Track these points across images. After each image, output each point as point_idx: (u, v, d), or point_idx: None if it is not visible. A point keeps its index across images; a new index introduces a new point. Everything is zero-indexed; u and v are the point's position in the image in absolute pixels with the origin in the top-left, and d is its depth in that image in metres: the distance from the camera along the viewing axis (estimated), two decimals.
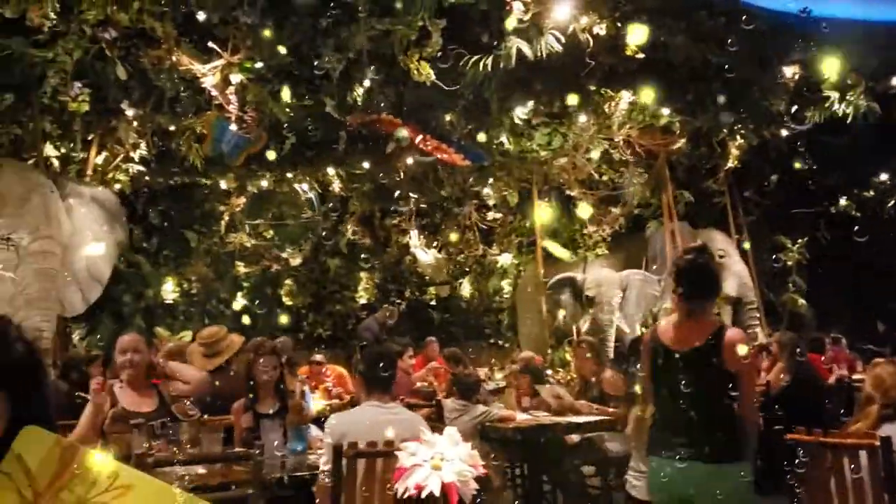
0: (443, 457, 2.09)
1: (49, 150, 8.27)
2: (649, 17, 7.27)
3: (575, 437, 5.62)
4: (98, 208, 7.53)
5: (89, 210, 7.36)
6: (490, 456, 5.14)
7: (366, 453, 3.17)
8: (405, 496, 1.89)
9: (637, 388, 3.85)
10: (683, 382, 2.97)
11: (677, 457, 2.95)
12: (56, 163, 8.43)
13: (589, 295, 9.53)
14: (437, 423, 5.22)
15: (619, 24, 7.28)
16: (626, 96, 8.39)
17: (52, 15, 6.47)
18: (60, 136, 8.28)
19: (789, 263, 10.72)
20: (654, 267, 10.34)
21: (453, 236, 12.67)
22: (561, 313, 9.86)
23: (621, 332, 9.42)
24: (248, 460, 3.27)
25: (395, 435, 3.15)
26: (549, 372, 8.21)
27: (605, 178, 10.17)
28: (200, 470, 3.48)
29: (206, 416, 4.20)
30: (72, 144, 8.38)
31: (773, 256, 10.71)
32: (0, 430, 1.03)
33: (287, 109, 7.61)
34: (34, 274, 6.40)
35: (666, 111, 8.56)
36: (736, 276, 10.18)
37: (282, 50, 6.42)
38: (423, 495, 1.92)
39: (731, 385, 2.92)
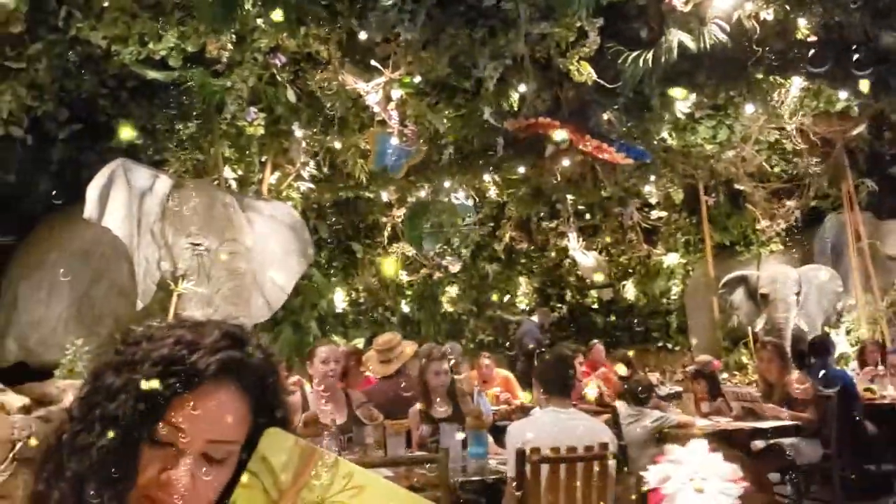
0: (702, 476, 1.93)
1: (227, 172, 8.85)
2: None
3: (760, 443, 5.33)
4: (276, 222, 7.92)
5: (268, 223, 7.78)
6: None
7: (550, 459, 3.16)
8: None
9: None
10: None
11: None
12: (234, 184, 9.01)
13: (763, 293, 9.00)
14: (612, 428, 5.13)
15: (787, 8, 6.91)
16: (797, 82, 7.92)
17: (229, 46, 6.97)
18: (238, 159, 8.84)
19: None
20: (833, 262, 9.68)
21: (614, 237, 12.43)
22: (735, 314, 9.38)
23: (801, 331, 8.83)
24: (434, 463, 3.34)
25: (578, 440, 3.12)
26: (725, 375, 7.87)
27: (776, 169, 9.62)
28: (386, 473, 3.58)
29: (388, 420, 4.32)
30: (248, 166, 8.92)
31: None
32: (245, 433, 1.08)
33: (445, 120, 7.77)
34: (226, 273, 6.91)
35: (843, 95, 8.00)
36: None
37: (440, 63, 6.54)
38: None
39: None
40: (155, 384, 1.01)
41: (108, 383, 1.03)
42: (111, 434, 0.99)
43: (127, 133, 7.58)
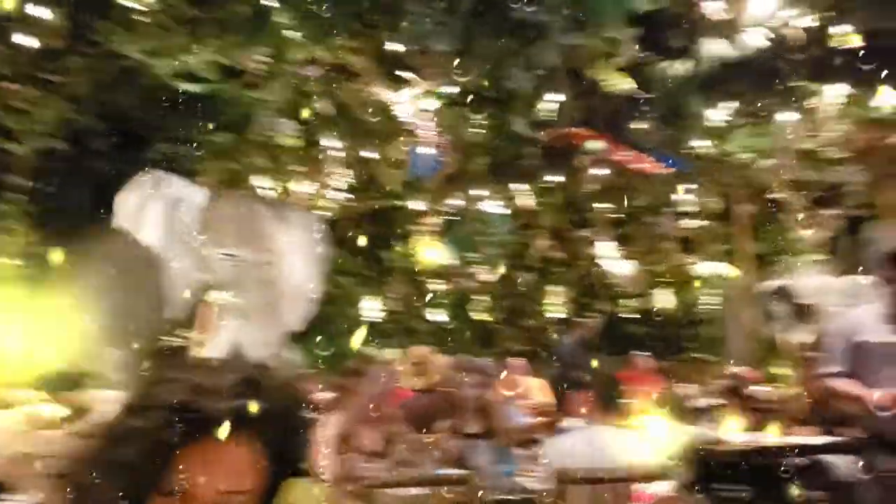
0: None
1: (262, 182, 8.91)
2: (860, 2, 6.72)
3: (802, 460, 5.20)
4: (304, 231, 7.89)
5: (297, 233, 7.78)
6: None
7: (581, 480, 3.11)
8: None
9: None
10: None
11: None
12: (268, 194, 9.06)
13: (806, 304, 8.83)
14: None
15: (826, 14, 6.79)
16: (836, 89, 7.77)
17: (263, 59, 7.02)
18: (272, 169, 8.90)
19: None
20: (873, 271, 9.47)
21: (649, 246, 12.26)
22: (774, 324, 9.22)
23: None
24: (464, 483, 3.30)
25: (617, 458, 3.06)
26: (767, 388, 7.71)
27: (815, 178, 9.45)
28: (414, 491, 3.56)
29: (417, 437, 4.29)
30: (282, 177, 8.97)
31: None
32: (262, 483, 1.04)
33: (478, 130, 7.75)
34: (260, 284, 6.94)
35: (883, 102, 7.83)
36: None
37: (473, 73, 6.53)
38: None
39: None
40: (168, 431, 0.99)
41: (125, 427, 1.01)
42: (124, 480, 0.97)
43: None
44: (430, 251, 11.94)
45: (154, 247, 6.76)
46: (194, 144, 8.34)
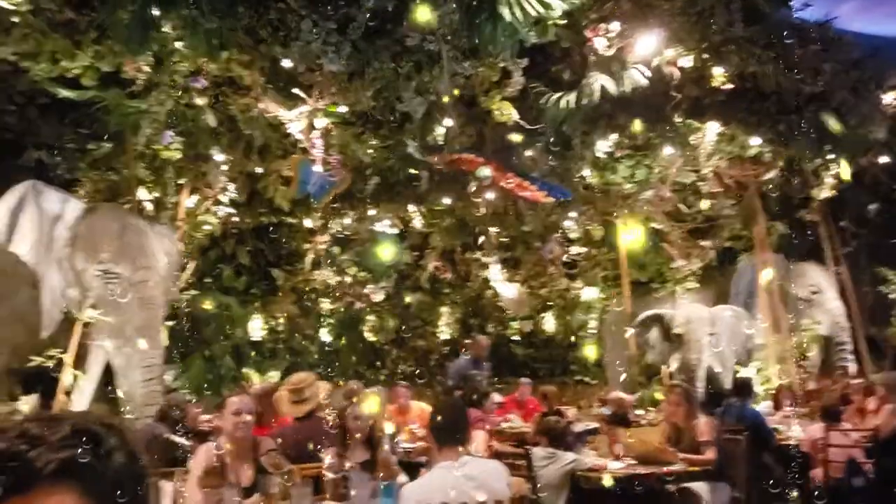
0: None
1: (143, 194, 8.56)
2: (738, 46, 7.09)
3: (671, 487, 5.38)
4: (167, 243, 7.54)
5: (160, 245, 7.43)
6: None
7: None
8: None
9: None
10: None
11: None
12: (149, 206, 8.72)
13: (678, 333, 9.16)
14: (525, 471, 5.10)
15: (705, 56, 7.13)
16: (713, 127, 8.17)
17: (146, 68, 6.77)
18: (154, 181, 8.57)
19: (892, 296, 10.16)
20: (746, 302, 9.94)
21: (535, 270, 12.52)
22: (649, 352, 9.52)
23: (713, 372, 9.00)
24: None
25: (475, 494, 3.06)
26: (642, 412, 7.95)
27: (692, 210, 9.89)
28: None
29: (294, 467, 4.16)
30: (164, 189, 8.65)
31: (875, 289, 10.21)
32: None
33: (370, 151, 7.71)
34: (138, 303, 6.67)
35: (756, 141, 8.29)
36: (829, 314, 9.72)
37: (365, 95, 6.49)
38: None
39: None
40: None
41: None
42: None
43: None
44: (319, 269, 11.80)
45: (26, 261, 6.38)
46: (71, 153, 7.96)
